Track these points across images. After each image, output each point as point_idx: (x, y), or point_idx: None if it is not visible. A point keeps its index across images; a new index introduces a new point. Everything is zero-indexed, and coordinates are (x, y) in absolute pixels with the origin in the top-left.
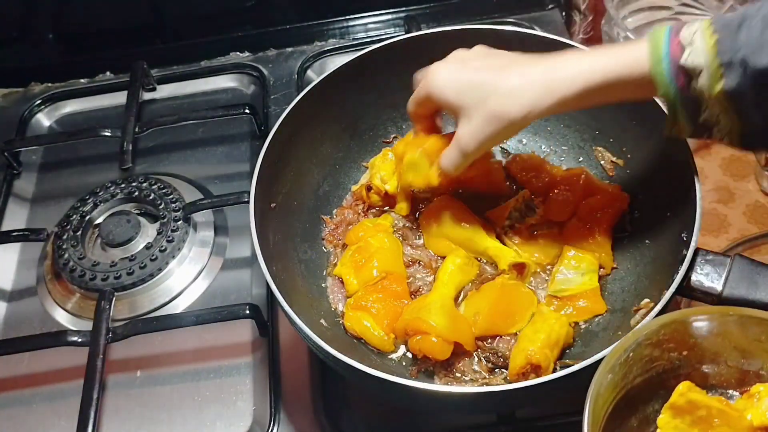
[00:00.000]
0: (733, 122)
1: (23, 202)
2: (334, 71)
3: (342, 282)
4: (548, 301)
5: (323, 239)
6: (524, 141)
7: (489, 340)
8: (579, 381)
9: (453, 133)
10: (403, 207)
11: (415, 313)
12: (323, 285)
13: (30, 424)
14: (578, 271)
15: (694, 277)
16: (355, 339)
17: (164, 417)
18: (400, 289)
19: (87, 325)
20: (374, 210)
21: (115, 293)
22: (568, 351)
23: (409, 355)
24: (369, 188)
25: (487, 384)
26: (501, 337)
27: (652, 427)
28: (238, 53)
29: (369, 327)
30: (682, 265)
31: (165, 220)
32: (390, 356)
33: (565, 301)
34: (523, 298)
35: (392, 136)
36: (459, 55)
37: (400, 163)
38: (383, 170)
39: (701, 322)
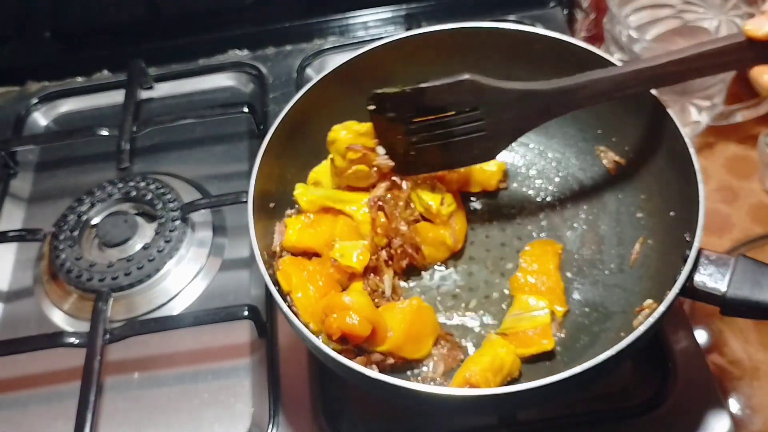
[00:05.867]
0: None
1: (20, 201)
2: (333, 69)
3: None
4: (498, 339)
5: None
6: (525, 141)
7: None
8: (583, 383)
9: None
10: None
11: (330, 297)
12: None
13: (26, 426)
14: (531, 311)
15: (698, 278)
16: None
17: (162, 419)
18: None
19: (84, 326)
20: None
21: (113, 294)
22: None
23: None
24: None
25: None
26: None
27: None
28: (236, 51)
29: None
30: (685, 265)
31: (163, 220)
32: None
33: (512, 338)
34: (432, 324)
35: None
36: None
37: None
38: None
39: None
